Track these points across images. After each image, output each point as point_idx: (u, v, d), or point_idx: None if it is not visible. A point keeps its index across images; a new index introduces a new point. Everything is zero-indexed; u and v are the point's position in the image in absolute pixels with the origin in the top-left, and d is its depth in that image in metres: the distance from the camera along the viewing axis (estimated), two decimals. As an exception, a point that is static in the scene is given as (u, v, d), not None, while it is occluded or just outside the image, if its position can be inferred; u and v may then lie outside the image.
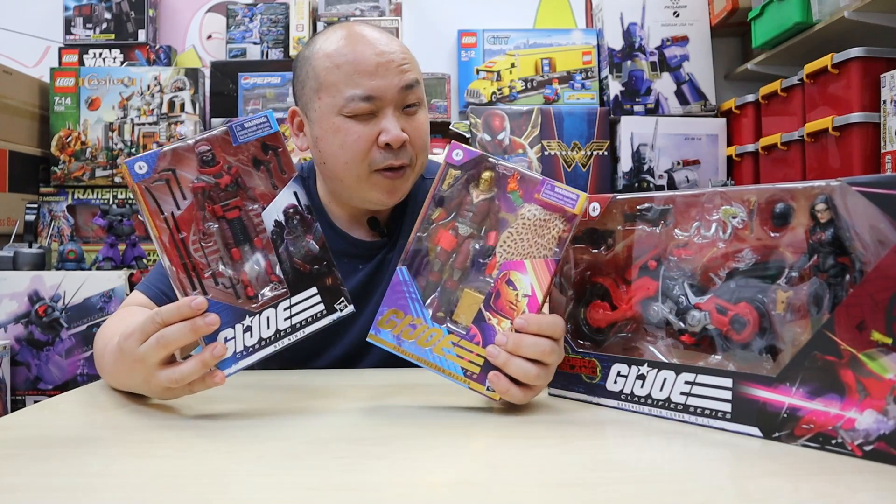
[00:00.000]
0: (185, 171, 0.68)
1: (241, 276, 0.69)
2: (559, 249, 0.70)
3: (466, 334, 0.70)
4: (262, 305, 0.69)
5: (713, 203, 0.66)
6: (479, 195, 0.71)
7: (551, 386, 0.77)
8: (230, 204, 0.69)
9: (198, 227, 0.68)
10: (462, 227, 0.71)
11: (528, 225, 0.70)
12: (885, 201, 0.54)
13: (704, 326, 0.66)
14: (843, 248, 0.57)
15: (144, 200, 0.66)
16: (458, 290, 0.71)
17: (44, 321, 1.99)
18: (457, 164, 0.71)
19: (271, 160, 0.71)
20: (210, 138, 0.69)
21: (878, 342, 0.54)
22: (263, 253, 0.70)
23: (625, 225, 0.72)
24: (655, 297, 0.70)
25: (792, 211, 0.61)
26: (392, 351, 0.71)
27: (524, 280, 0.70)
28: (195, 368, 0.65)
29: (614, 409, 0.71)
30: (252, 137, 0.70)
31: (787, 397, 0.59)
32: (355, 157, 0.95)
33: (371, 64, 0.93)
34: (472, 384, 0.70)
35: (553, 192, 0.70)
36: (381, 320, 0.71)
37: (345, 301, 0.72)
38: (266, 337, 0.69)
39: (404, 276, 0.71)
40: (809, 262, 0.59)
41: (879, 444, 0.54)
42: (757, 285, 0.63)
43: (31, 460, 0.56)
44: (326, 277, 0.72)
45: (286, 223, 0.71)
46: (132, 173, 0.66)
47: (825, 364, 0.57)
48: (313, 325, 0.71)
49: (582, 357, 0.74)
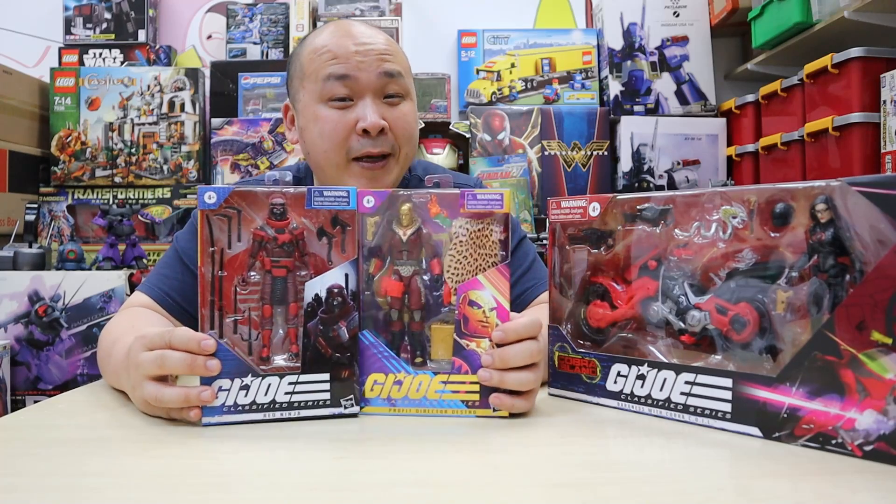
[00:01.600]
0: (253, 213, 0.67)
1: (262, 333, 0.68)
2: (505, 252, 0.70)
3: (453, 369, 0.69)
4: (269, 370, 0.67)
5: (713, 203, 0.66)
6: (405, 231, 0.70)
7: (551, 386, 0.77)
8: (281, 262, 0.68)
9: (242, 271, 0.67)
10: (403, 268, 0.70)
11: (465, 241, 0.70)
12: (885, 201, 0.54)
13: (704, 326, 0.66)
14: (843, 248, 0.57)
15: (201, 228, 0.66)
16: (424, 329, 0.70)
17: (44, 321, 1.99)
18: (372, 210, 0.70)
19: (337, 235, 0.69)
20: (287, 194, 0.68)
21: (878, 342, 0.54)
22: (293, 321, 0.68)
23: (625, 225, 0.72)
24: (655, 297, 0.70)
25: (792, 211, 0.61)
26: (389, 415, 0.69)
27: (485, 295, 0.69)
28: (176, 399, 0.65)
29: (614, 409, 0.71)
30: (327, 207, 0.69)
31: (788, 397, 0.59)
32: (333, 144, 0.96)
33: (349, 51, 0.95)
34: (477, 412, 0.69)
35: (476, 200, 0.70)
36: (365, 390, 0.69)
37: (353, 399, 0.68)
38: (260, 403, 0.66)
39: (369, 338, 0.70)
40: (809, 262, 0.59)
41: (879, 444, 0.54)
42: (757, 285, 0.63)
43: (31, 460, 0.56)
44: (344, 369, 0.68)
45: (326, 301, 0.68)
46: (200, 200, 0.66)
47: (825, 364, 0.57)
48: (312, 410, 0.67)
49: (582, 357, 0.74)
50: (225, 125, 2.30)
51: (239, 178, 2.28)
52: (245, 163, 2.29)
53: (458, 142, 2.41)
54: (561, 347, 0.77)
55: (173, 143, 2.31)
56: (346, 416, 0.68)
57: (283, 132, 2.30)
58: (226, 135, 2.30)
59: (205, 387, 0.65)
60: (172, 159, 2.31)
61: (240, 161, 2.29)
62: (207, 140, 2.35)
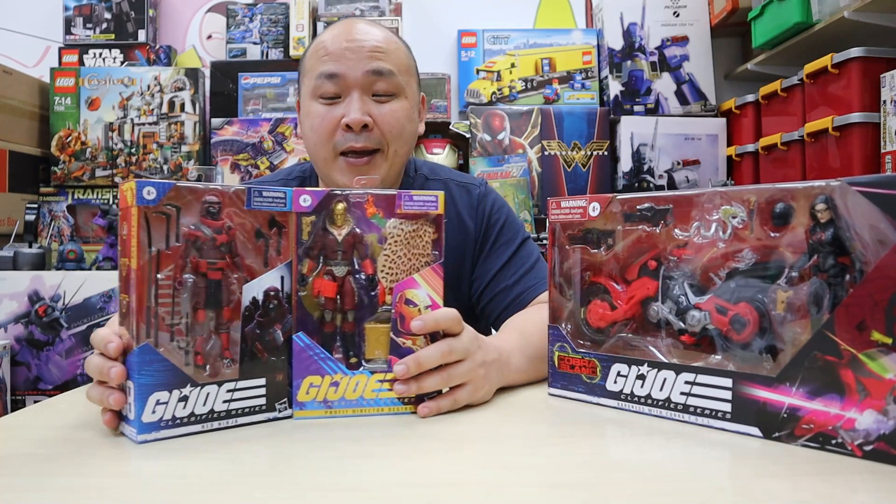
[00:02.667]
0: (187, 213, 0.63)
1: (196, 340, 0.63)
2: (438, 252, 0.71)
3: (389, 367, 0.69)
4: (206, 378, 0.63)
5: (713, 203, 0.66)
6: (340, 231, 0.70)
7: (552, 386, 0.77)
8: (217, 264, 0.64)
9: (176, 274, 0.62)
10: (337, 268, 0.70)
11: (399, 241, 0.70)
12: (885, 201, 0.54)
13: (704, 326, 0.66)
14: (843, 248, 0.57)
15: (138, 226, 0.60)
16: (357, 330, 0.70)
17: (44, 321, 1.99)
18: (308, 209, 0.69)
19: (273, 237, 0.67)
20: (223, 192, 0.64)
21: (878, 342, 0.54)
22: (225, 326, 0.64)
23: (625, 225, 0.72)
24: (655, 297, 0.70)
25: (792, 211, 0.61)
26: (325, 417, 0.68)
27: (420, 294, 0.70)
28: (95, 398, 0.63)
29: (614, 409, 0.71)
30: (265, 207, 0.67)
31: (788, 397, 0.59)
32: (321, 138, 0.99)
33: (340, 48, 0.98)
34: (414, 408, 0.70)
35: (412, 201, 0.71)
36: (300, 394, 0.68)
37: (287, 402, 0.68)
38: (199, 414, 0.62)
39: (304, 340, 0.68)
40: (809, 262, 0.59)
41: (879, 444, 0.54)
42: (757, 285, 0.63)
43: (31, 460, 0.56)
44: (278, 373, 0.67)
45: (263, 304, 0.66)
46: (138, 196, 0.59)
47: (825, 364, 0.57)
48: (249, 417, 0.65)
49: (582, 357, 0.74)
50: (225, 125, 2.30)
51: (239, 178, 2.29)
52: (245, 163, 2.29)
53: (458, 142, 2.41)
54: (561, 347, 0.77)
55: (173, 143, 2.31)
56: (280, 419, 0.67)
57: (282, 132, 2.30)
58: (226, 135, 2.30)
59: (113, 390, 0.61)
60: (172, 159, 2.31)
61: (240, 161, 2.29)
62: (207, 140, 2.35)
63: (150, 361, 0.60)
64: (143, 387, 0.59)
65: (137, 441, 0.59)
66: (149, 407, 0.60)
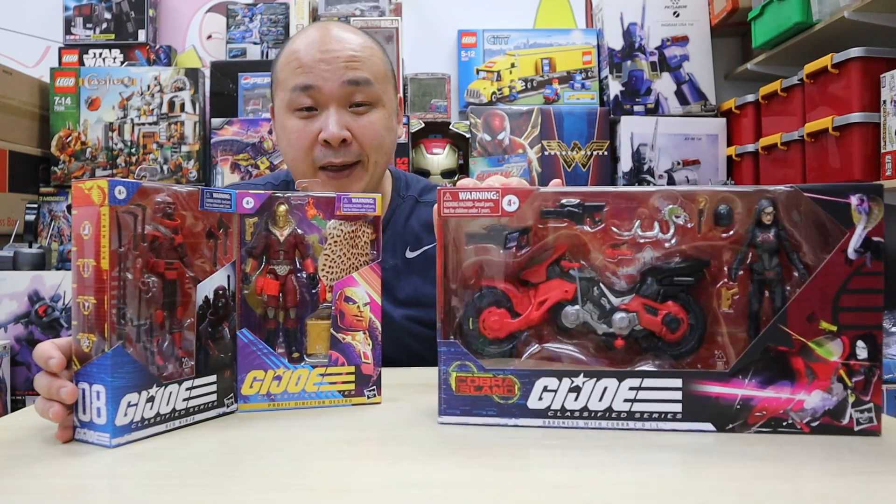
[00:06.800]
0: (150, 214, 0.63)
1: (155, 340, 0.64)
2: (376, 252, 0.74)
3: (330, 361, 0.72)
4: (168, 377, 0.64)
5: (655, 202, 0.64)
6: (282, 232, 0.72)
7: (443, 415, 0.66)
8: (174, 264, 0.65)
9: (137, 276, 0.62)
10: (279, 267, 0.73)
11: (339, 241, 0.73)
12: (833, 207, 0.61)
13: (633, 328, 0.65)
14: (785, 248, 0.62)
15: (110, 226, 0.59)
16: (299, 326, 0.73)
17: (44, 321, 1.99)
18: (251, 211, 0.71)
19: (220, 237, 0.70)
20: (177, 193, 0.65)
21: (826, 330, 0.61)
22: (179, 325, 0.66)
23: (546, 222, 0.66)
24: (574, 301, 0.66)
25: (733, 213, 0.63)
26: (268, 409, 0.71)
27: (359, 291, 0.73)
28: (44, 389, 0.60)
29: (540, 429, 0.64)
30: (215, 208, 0.69)
31: (741, 389, 0.62)
32: (298, 154, 0.98)
33: (314, 59, 0.95)
34: (353, 400, 0.73)
35: (351, 203, 0.74)
36: (243, 388, 0.71)
37: (233, 397, 0.71)
38: (163, 413, 0.63)
39: (247, 336, 0.71)
40: (751, 261, 0.63)
41: (825, 419, 0.61)
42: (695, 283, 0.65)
43: (31, 460, 0.56)
44: (226, 369, 0.70)
45: (213, 303, 0.69)
46: (110, 195, 0.59)
47: (777, 354, 0.62)
48: (203, 414, 0.67)
49: (494, 375, 0.65)
50: (225, 125, 2.30)
51: (239, 178, 2.29)
52: (245, 163, 2.29)
53: (458, 142, 2.41)
54: (462, 367, 0.65)
55: (173, 143, 2.31)
56: (228, 414, 0.70)
57: (283, 132, 2.30)
58: (226, 135, 2.30)
59: (65, 383, 0.59)
60: (172, 159, 2.31)
61: (240, 161, 2.29)
62: (207, 140, 2.35)
63: (122, 364, 0.60)
64: (116, 389, 0.59)
65: (111, 446, 0.59)
66: (121, 410, 0.59)
